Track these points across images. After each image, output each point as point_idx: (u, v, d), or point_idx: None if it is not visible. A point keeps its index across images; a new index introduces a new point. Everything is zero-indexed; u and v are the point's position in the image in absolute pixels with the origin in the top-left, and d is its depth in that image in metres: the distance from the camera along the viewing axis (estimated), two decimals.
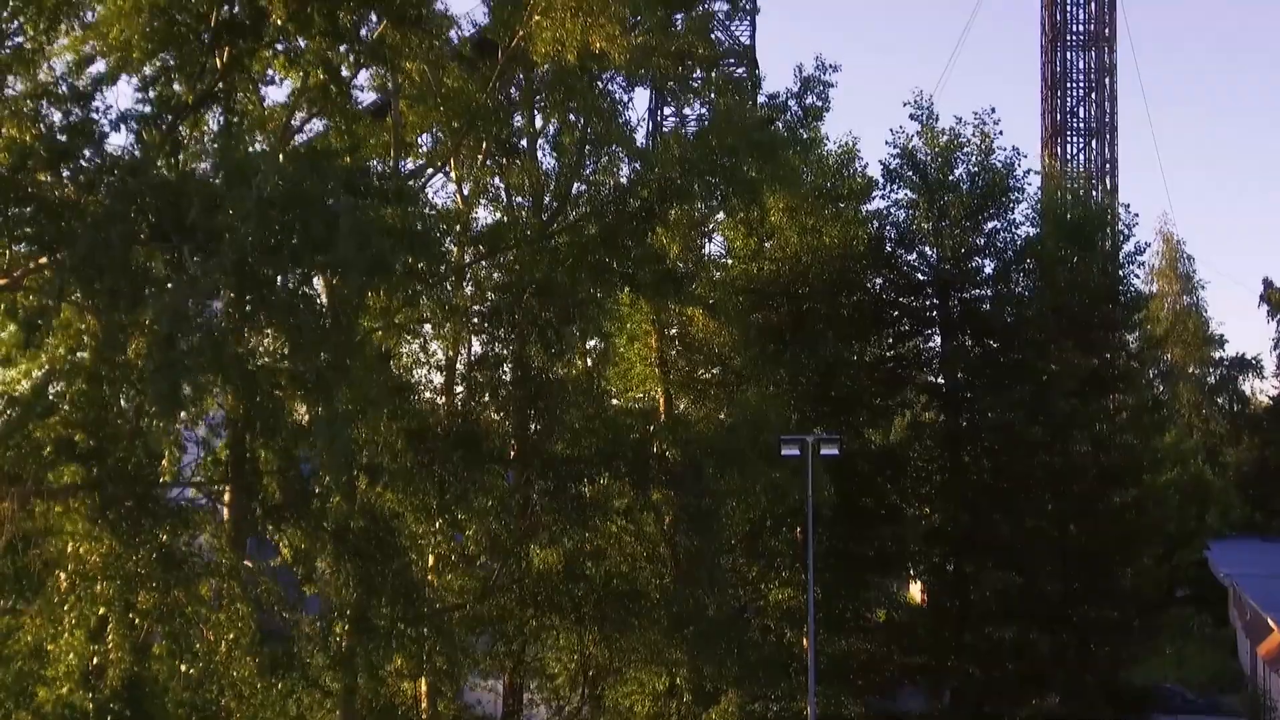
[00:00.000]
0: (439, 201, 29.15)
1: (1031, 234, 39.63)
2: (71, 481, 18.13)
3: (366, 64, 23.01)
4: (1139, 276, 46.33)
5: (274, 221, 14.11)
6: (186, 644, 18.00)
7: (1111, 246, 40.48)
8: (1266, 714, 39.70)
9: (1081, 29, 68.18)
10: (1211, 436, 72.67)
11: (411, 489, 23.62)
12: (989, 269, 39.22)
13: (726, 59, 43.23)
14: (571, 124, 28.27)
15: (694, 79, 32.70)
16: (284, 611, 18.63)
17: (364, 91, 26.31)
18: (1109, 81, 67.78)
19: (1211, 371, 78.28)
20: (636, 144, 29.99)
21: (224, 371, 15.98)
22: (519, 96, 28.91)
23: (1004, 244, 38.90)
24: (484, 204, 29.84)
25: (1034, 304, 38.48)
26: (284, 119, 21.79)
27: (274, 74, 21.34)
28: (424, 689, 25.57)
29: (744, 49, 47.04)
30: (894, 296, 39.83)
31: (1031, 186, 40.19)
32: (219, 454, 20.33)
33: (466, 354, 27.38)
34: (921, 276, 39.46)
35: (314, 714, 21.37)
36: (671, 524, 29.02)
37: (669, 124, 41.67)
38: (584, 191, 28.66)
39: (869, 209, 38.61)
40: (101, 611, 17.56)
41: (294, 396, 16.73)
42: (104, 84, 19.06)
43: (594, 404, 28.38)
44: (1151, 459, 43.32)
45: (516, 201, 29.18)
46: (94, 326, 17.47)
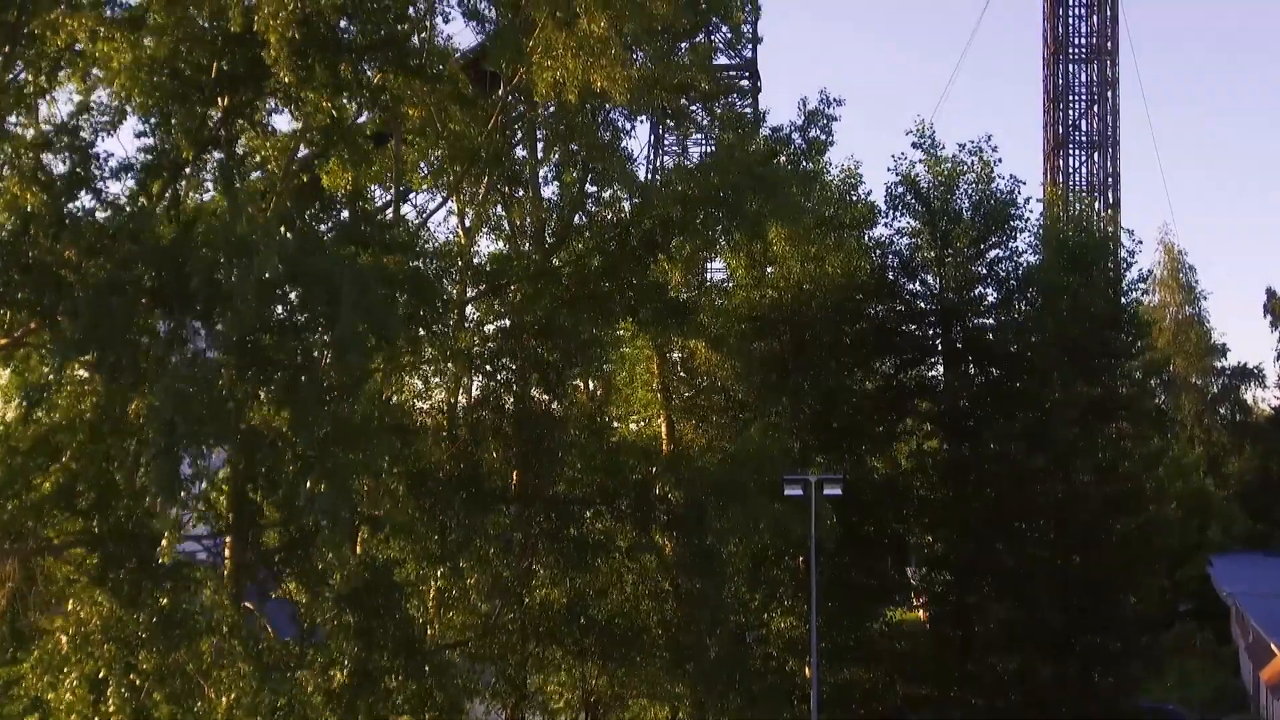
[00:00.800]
0: (441, 236, 29.17)
1: (1034, 261, 39.53)
2: (73, 537, 18.10)
3: (367, 109, 22.97)
4: (1141, 303, 46.14)
5: (274, 300, 14.01)
6: (188, 704, 17.92)
7: (1114, 274, 40.32)
8: None
9: (1083, 42, 67.89)
10: (1213, 447, 72.47)
11: (414, 535, 23.50)
12: (992, 297, 39.19)
13: (729, 71, 43.04)
14: (572, 154, 28.20)
15: (695, 111, 32.61)
16: (286, 671, 18.45)
17: (364, 123, 26.25)
18: (1111, 95, 67.52)
19: (1214, 381, 77.99)
20: (638, 179, 29.89)
21: (226, 437, 15.92)
22: (521, 129, 28.81)
23: (1006, 272, 38.82)
24: (486, 232, 29.83)
25: (1036, 332, 38.33)
26: (289, 150, 21.49)
27: (276, 108, 21.26)
28: None
29: (747, 61, 46.80)
30: (896, 324, 39.65)
31: (1033, 214, 40.04)
32: (219, 505, 20.33)
33: (468, 396, 27.28)
34: (924, 305, 39.36)
35: None
36: (674, 563, 28.91)
37: (670, 153, 41.42)
38: (586, 223, 28.62)
39: (872, 236, 38.61)
40: (102, 674, 17.48)
41: (294, 461, 16.59)
42: (104, 132, 19.06)
43: (595, 440, 28.27)
44: (1156, 486, 43.14)
45: (519, 228, 29.11)
46: (97, 383, 17.42)
